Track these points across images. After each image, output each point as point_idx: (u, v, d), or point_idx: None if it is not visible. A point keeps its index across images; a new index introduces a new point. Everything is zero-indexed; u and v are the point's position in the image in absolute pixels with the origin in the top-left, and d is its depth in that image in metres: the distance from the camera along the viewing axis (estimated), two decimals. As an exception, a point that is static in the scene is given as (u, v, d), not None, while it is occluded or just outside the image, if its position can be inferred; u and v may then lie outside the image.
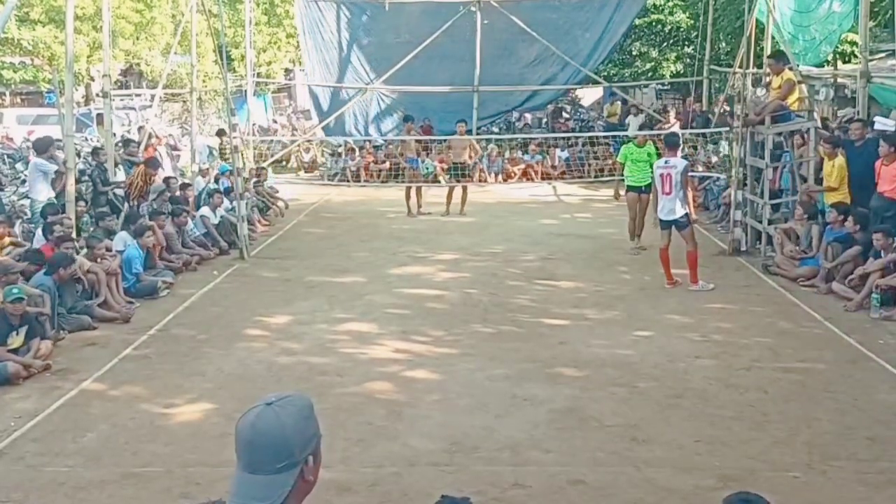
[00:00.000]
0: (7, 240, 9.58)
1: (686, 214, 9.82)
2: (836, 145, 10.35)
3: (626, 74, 23.69)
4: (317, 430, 1.90)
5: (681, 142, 10.78)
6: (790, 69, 11.73)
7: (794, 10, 15.07)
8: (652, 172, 10.79)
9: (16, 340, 7.26)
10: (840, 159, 10.26)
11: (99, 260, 9.28)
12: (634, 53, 23.66)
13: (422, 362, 7.39)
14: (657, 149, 12.25)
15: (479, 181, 17.74)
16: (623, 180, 12.28)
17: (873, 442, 5.70)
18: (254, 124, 21.17)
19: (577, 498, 5.02)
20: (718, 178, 15.09)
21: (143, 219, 10.87)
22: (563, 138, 20.20)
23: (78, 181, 11.34)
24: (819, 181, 10.89)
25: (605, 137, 19.48)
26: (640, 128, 18.41)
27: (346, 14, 19.77)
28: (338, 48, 19.87)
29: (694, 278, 9.79)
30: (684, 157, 10.60)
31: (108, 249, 9.81)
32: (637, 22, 21.90)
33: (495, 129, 22.19)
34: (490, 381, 6.92)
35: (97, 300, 8.87)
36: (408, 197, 15.22)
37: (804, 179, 11.41)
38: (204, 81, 22.38)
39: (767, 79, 12.15)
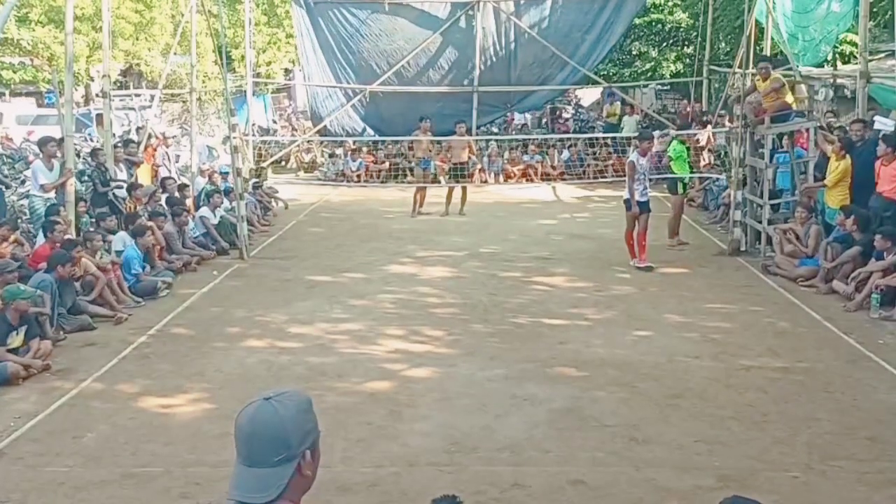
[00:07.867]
0: (12, 237, 9.58)
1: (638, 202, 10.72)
2: (845, 148, 10.29)
3: (626, 74, 23.66)
4: (315, 424, 1.92)
5: (647, 135, 11.40)
6: (774, 69, 11.94)
7: (793, 11, 15.07)
8: (680, 171, 12.36)
9: (15, 340, 7.26)
10: (846, 161, 10.21)
11: (97, 255, 9.29)
12: (634, 53, 23.63)
13: (422, 362, 7.39)
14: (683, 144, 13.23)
15: (480, 181, 17.74)
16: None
17: (873, 442, 5.70)
18: (253, 124, 21.15)
19: (577, 498, 5.02)
20: (718, 179, 15.08)
21: (141, 219, 10.86)
22: (563, 139, 20.19)
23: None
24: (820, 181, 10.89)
25: (604, 138, 19.49)
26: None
27: (343, 17, 19.70)
28: (335, 51, 19.81)
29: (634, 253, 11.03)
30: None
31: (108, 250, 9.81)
32: (637, 21, 21.89)
33: (494, 129, 22.16)
34: (490, 381, 6.92)
35: (90, 296, 8.84)
36: (415, 196, 15.25)
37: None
38: (204, 82, 22.37)
39: (755, 81, 12.09)
